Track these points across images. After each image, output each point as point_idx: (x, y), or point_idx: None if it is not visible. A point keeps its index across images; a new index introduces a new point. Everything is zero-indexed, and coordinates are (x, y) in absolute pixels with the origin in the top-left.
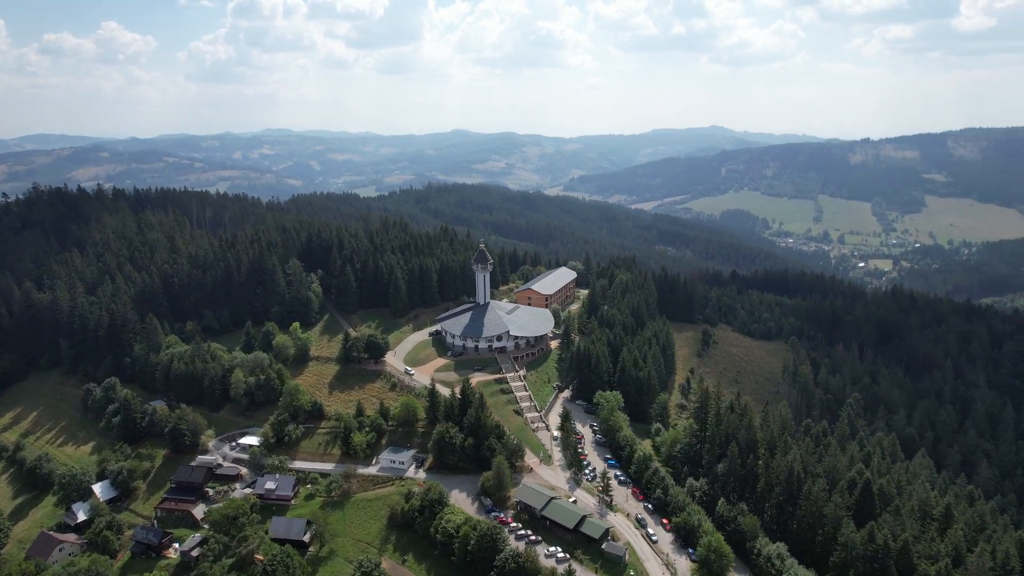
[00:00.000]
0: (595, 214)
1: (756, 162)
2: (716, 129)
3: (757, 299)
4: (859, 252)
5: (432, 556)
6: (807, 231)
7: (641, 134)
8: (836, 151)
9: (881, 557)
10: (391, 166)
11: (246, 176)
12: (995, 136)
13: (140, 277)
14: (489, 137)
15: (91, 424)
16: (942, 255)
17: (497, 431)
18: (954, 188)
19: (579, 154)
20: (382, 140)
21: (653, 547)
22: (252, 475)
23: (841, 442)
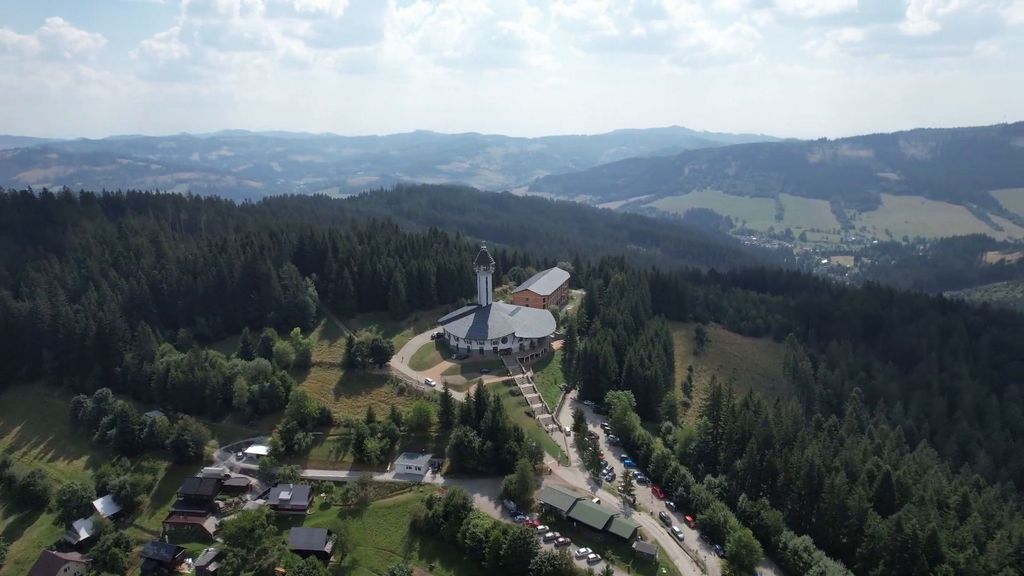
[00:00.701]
0: (566, 214)
1: (718, 162)
2: (677, 129)
3: (742, 297)
4: (821, 249)
5: (460, 562)
6: (769, 229)
7: (604, 134)
8: (795, 151)
9: (911, 547)
10: (354, 167)
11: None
12: (943, 136)
13: (128, 284)
14: (453, 138)
15: (82, 438)
16: (899, 251)
17: (516, 434)
18: (907, 186)
19: (543, 154)
20: (344, 141)
21: (680, 544)
22: (263, 485)
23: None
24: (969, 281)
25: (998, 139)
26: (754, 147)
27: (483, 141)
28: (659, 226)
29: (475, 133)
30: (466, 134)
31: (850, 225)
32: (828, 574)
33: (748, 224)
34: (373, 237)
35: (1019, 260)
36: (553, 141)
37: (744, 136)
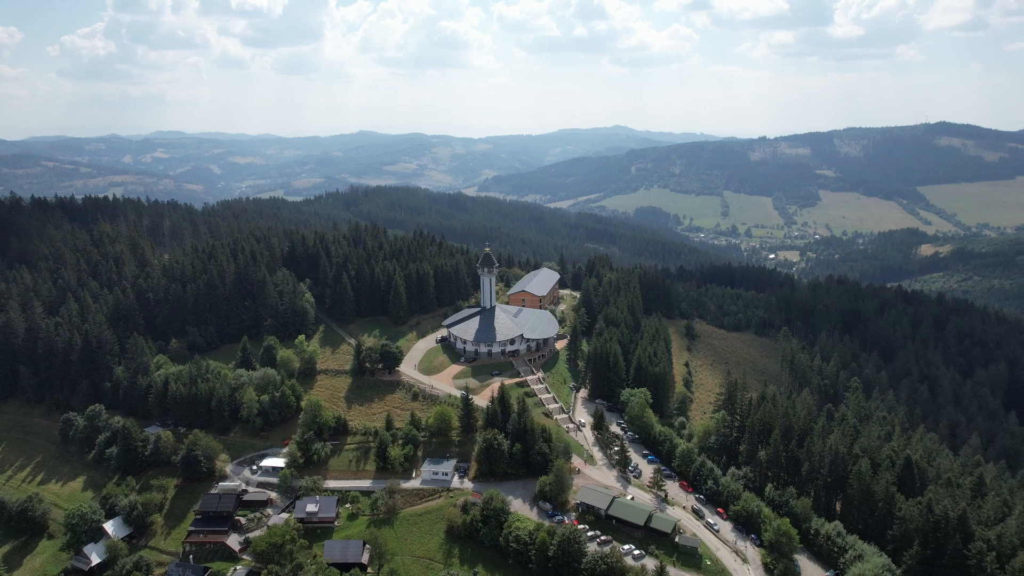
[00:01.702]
0: (522, 214)
1: (663, 160)
2: (620, 129)
3: (720, 293)
4: (767, 245)
5: (505, 566)
6: (716, 226)
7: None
8: (737, 149)
9: (943, 527)
10: (297, 169)
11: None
12: (873, 135)
13: (113, 294)
14: (397, 138)
15: (74, 458)
16: (841, 245)
17: (544, 435)
18: (843, 183)
19: (490, 154)
20: (285, 142)
21: (717, 536)
22: (284, 499)
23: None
24: (908, 273)
25: (922, 137)
26: (698, 146)
27: (428, 141)
28: (614, 224)
29: (420, 133)
30: (411, 134)
31: (792, 221)
32: (865, 557)
33: (695, 221)
34: (365, 241)
35: (950, 252)
36: (499, 141)
37: (685, 135)
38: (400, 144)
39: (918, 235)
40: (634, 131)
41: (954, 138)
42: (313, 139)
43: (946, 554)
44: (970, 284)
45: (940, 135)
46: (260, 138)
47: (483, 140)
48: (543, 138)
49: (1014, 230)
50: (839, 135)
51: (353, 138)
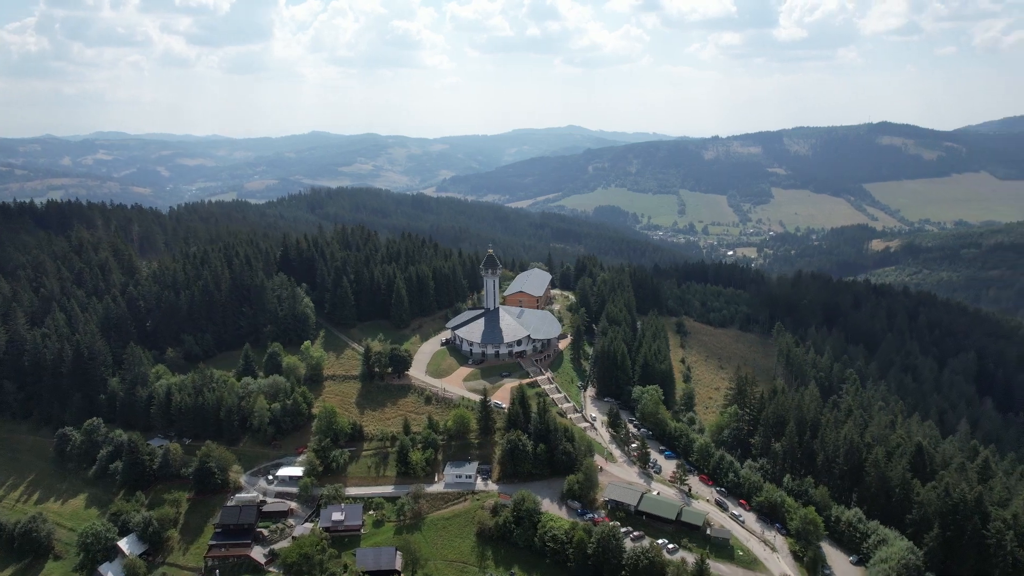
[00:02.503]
0: (488, 214)
1: (620, 160)
2: (574, 129)
3: (702, 290)
4: (724, 242)
5: (542, 566)
6: (673, 224)
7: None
8: (691, 148)
9: (962, 509)
10: (249, 171)
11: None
12: (820, 134)
13: (103, 303)
14: (351, 139)
15: (72, 474)
16: (796, 241)
17: (567, 434)
18: (794, 180)
19: (446, 155)
20: (235, 143)
21: (743, 527)
22: (304, 508)
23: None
24: (863, 267)
25: (866, 137)
26: (653, 145)
27: (383, 142)
28: (578, 224)
29: (374, 134)
30: (365, 135)
31: (747, 218)
32: (889, 541)
33: (653, 220)
34: (356, 244)
35: (899, 247)
36: (455, 141)
37: (638, 135)
38: (354, 145)
39: (868, 231)
40: (589, 131)
41: (895, 137)
42: (264, 140)
43: (966, 535)
44: (920, 277)
45: (882, 134)
46: (209, 139)
47: (439, 140)
48: (499, 138)
49: (953, 225)
50: (788, 134)
51: (305, 139)
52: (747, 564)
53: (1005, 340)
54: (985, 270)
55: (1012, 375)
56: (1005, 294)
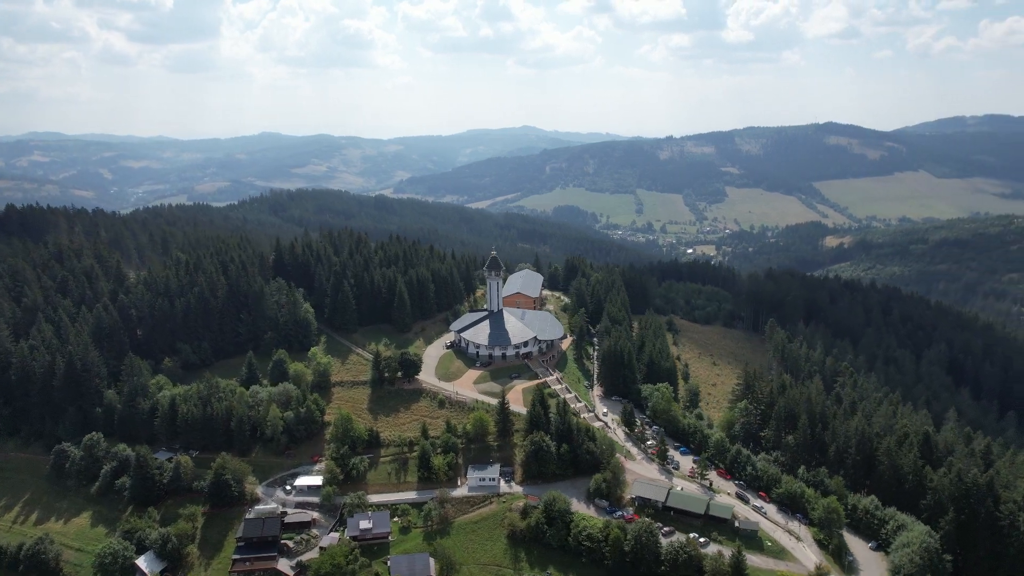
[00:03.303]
0: (452, 215)
1: (577, 160)
2: (529, 129)
3: (684, 288)
4: (683, 240)
5: (578, 565)
6: (632, 223)
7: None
8: (646, 148)
9: (975, 493)
10: (199, 173)
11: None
12: (769, 134)
13: (94, 312)
14: (304, 140)
15: (72, 492)
16: (752, 239)
17: (589, 434)
18: (746, 179)
19: (401, 155)
20: (182, 145)
21: (765, 518)
22: (327, 518)
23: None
24: (819, 263)
25: (814, 136)
26: (609, 145)
27: (337, 143)
28: (542, 224)
29: (327, 135)
30: (318, 136)
31: (703, 216)
32: (907, 526)
33: (612, 219)
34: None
35: (852, 243)
36: (409, 142)
37: (592, 135)
38: (307, 146)
39: (821, 228)
40: (543, 131)
41: (841, 137)
42: (213, 141)
43: (980, 517)
44: (874, 272)
45: (829, 134)
46: (154, 140)
47: (393, 141)
48: (454, 138)
49: (897, 221)
50: (739, 134)
51: (256, 140)
52: (776, 554)
53: (969, 331)
54: (933, 264)
55: (979, 365)
56: (953, 287)
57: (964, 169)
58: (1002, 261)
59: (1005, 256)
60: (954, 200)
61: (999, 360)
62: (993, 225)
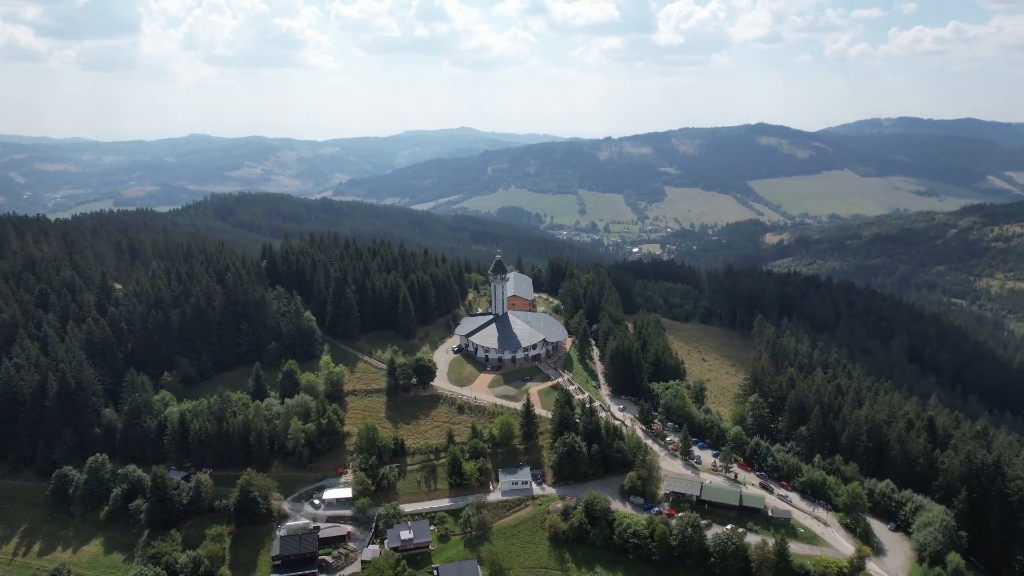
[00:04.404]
0: (402, 218)
1: (518, 161)
2: (467, 130)
3: (658, 287)
4: (627, 239)
5: (624, 562)
6: (576, 223)
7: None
8: (585, 149)
9: (986, 472)
10: (124, 177)
11: None
12: (704, 135)
13: (82, 327)
14: (236, 142)
15: (78, 518)
16: (695, 237)
17: (618, 433)
18: (684, 179)
19: (338, 157)
20: (103, 147)
21: (791, 506)
22: (362, 531)
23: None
24: (763, 259)
25: (746, 137)
26: (549, 146)
27: (271, 145)
28: (493, 226)
29: (261, 137)
30: (251, 138)
31: (644, 216)
32: (925, 507)
33: (556, 219)
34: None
35: (792, 240)
36: (346, 144)
37: (530, 136)
38: (240, 148)
39: (760, 225)
40: (481, 132)
41: (771, 137)
42: (138, 143)
43: (991, 495)
44: (815, 267)
45: (760, 135)
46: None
47: (329, 143)
48: (391, 140)
49: (827, 218)
50: (675, 135)
51: (185, 142)
52: (809, 540)
53: (923, 322)
54: (869, 259)
55: (936, 353)
56: (889, 280)
57: (884, 168)
58: (929, 254)
59: (931, 250)
60: (876, 198)
61: (951, 347)
62: (917, 221)
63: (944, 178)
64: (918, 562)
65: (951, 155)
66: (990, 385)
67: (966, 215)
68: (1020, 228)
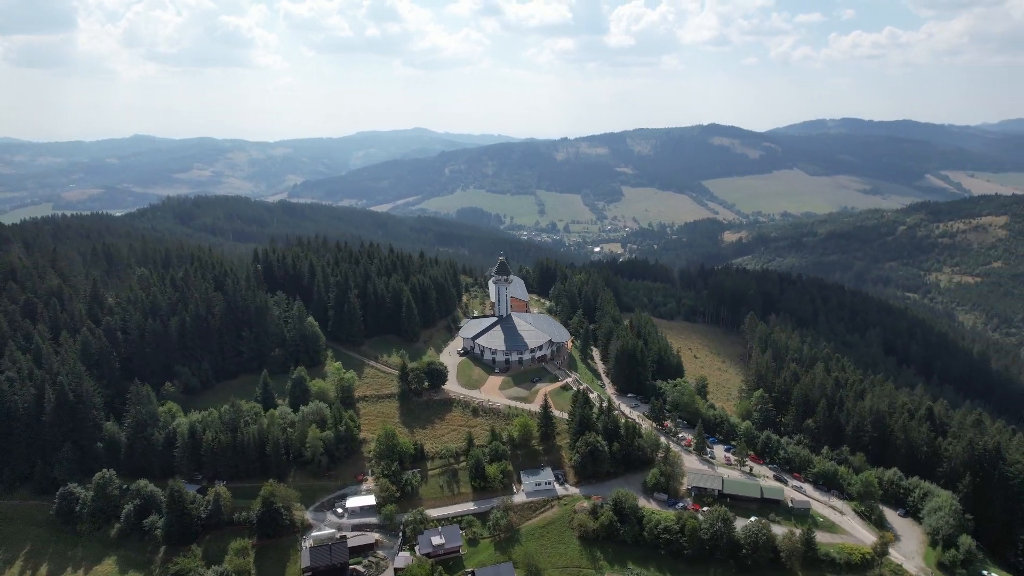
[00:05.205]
0: (365, 220)
1: (476, 162)
2: (420, 131)
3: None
4: (588, 239)
5: (656, 557)
6: (535, 223)
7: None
8: (542, 149)
9: (988, 458)
10: (63, 179)
11: None
12: (659, 135)
13: (77, 337)
14: (184, 143)
15: (86, 538)
16: (654, 236)
17: (637, 431)
18: (640, 179)
19: (291, 158)
20: (37, 148)
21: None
22: (389, 538)
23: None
24: (724, 257)
25: (699, 137)
26: (506, 147)
27: (220, 146)
28: (457, 227)
29: (210, 138)
30: (199, 139)
31: (603, 216)
32: (933, 493)
33: (516, 220)
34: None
35: (750, 238)
36: (298, 145)
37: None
38: (188, 149)
39: (717, 224)
40: (435, 133)
41: (724, 138)
42: (76, 144)
43: (994, 479)
44: (775, 264)
45: (713, 135)
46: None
47: (281, 144)
48: (345, 140)
49: (780, 216)
50: (630, 135)
51: (129, 143)
52: (829, 528)
53: (894, 316)
54: (826, 255)
55: (908, 345)
56: (846, 276)
57: (830, 167)
58: (882, 251)
59: (883, 246)
60: (825, 196)
61: (920, 339)
62: (868, 219)
63: (886, 177)
64: (931, 546)
65: (892, 155)
66: (958, 375)
67: (912, 213)
68: (963, 224)
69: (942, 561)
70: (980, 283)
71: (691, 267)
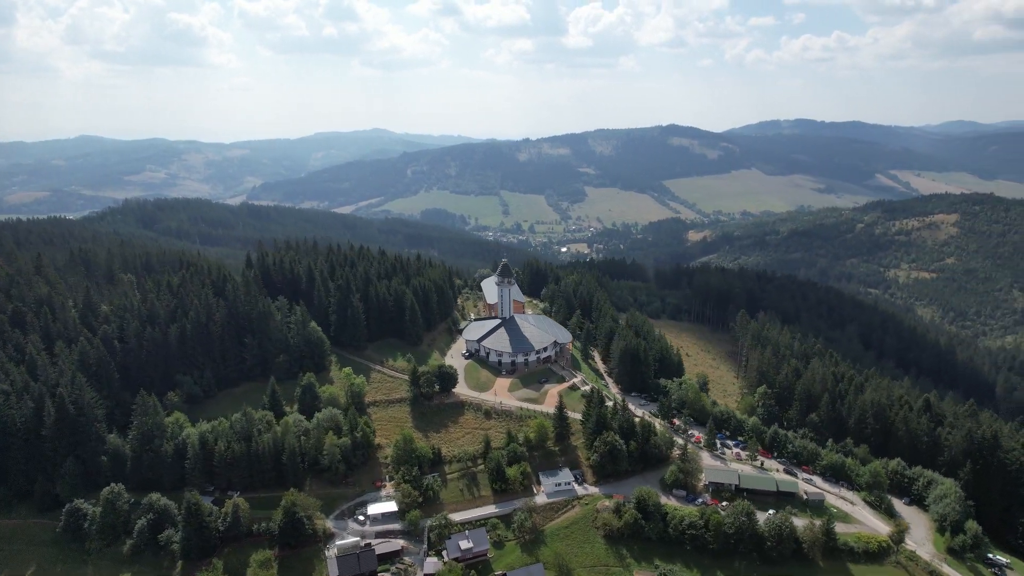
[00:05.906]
0: (333, 222)
1: (438, 162)
2: (380, 131)
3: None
4: (554, 239)
5: (682, 553)
6: (500, 224)
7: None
8: (505, 150)
9: (987, 446)
10: (5, 181)
11: None
12: (619, 136)
13: (74, 348)
14: (135, 144)
15: (96, 555)
16: (619, 236)
17: (652, 429)
18: (603, 179)
19: (249, 160)
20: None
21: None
22: (414, 544)
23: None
24: (691, 256)
25: (659, 138)
26: (469, 147)
27: (174, 148)
28: (425, 228)
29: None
30: (152, 140)
31: (567, 216)
32: (936, 482)
33: (481, 220)
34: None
35: (714, 237)
36: (255, 146)
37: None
38: (140, 151)
39: (681, 223)
40: (395, 133)
41: (683, 138)
42: (17, 144)
43: (992, 466)
44: (741, 262)
45: (672, 136)
46: None
47: (237, 145)
48: (303, 141)
49: (740, 215)
50: (592, 136)
51: (75, 144)
52: (842, 519)
53: (867, 312)
54: (789, 253)
55: (883, 339)
56: (810, 273)
57: (786, 167)
58: (843, 248)
59: (844, 244)
60: (782, 195)
61: (893, 333)
62: (827, 217)
63: (839, 176)
64: (939, 532)
65: (843, 155)
66: (928, 367)
67: (869, 211)
68: (916, 222)
69: (952, 546)
70: (935, 278)
71: (665, 266)
